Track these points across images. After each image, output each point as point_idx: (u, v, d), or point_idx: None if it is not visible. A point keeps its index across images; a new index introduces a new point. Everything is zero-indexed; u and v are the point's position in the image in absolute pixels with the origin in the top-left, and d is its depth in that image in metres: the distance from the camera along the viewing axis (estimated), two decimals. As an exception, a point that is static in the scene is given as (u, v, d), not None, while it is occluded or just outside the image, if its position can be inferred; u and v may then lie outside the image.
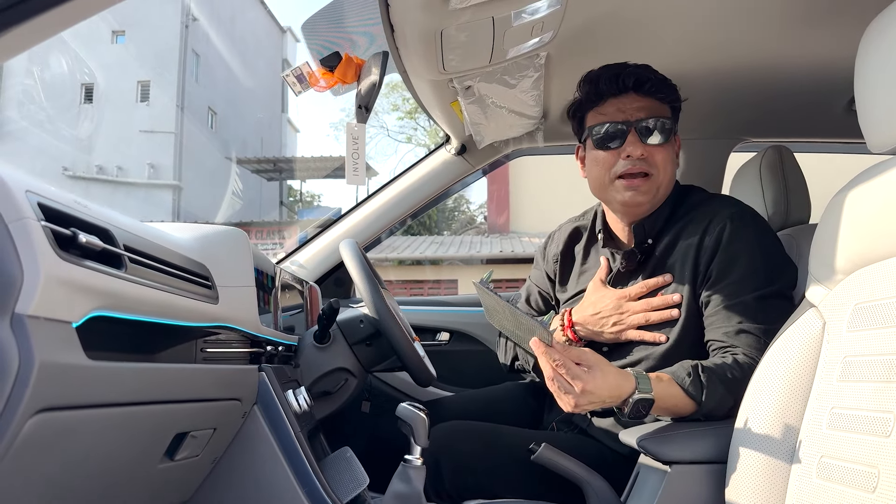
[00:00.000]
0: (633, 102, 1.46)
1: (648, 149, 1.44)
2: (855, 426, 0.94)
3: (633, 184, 1.46)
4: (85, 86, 19.79)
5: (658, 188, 1.47)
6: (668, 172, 1.48)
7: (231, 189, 18.32)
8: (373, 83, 1.47)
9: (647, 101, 1.46)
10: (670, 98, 1.49)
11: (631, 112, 1.45)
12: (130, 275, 0.81)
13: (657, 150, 1.45)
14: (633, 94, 1.46)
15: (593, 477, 1.33)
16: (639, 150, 1.44)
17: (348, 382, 1.64)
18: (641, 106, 1.45)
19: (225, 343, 1.16)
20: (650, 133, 1.45)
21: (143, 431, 0.90)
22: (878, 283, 1.00)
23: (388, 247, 12.87)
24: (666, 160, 1.46)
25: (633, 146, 1.44)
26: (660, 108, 1.47)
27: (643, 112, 1.45)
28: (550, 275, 1.74)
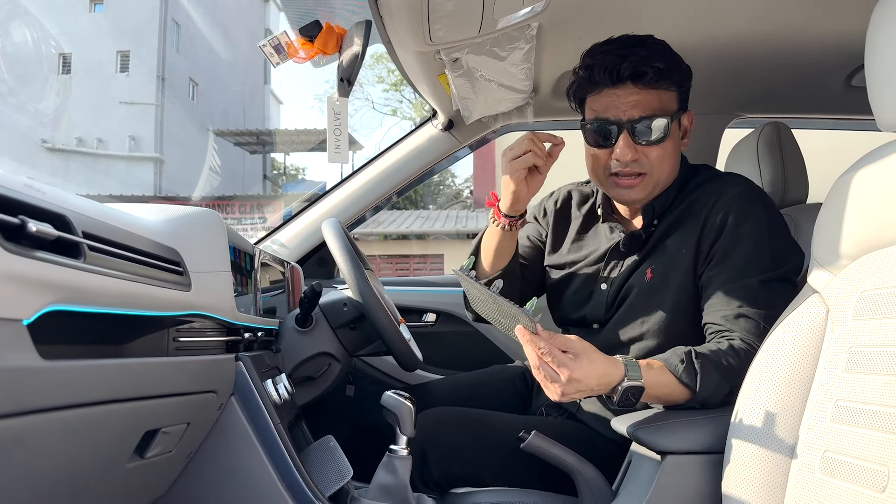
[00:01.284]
0: (630, 96, 1.35)
1: (642, 149, 1.36)
2: (862, 421, 0.89)
3: (625, 183, 1.40)
4: (62, 55, 19.39)
5: (655, 185, 1.40)
6: (666, 168, 1.40)
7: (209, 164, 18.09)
8: (355, 55, 1.40)
9: (645, 94, 1.35)
10: (678, 82, 1.39)
11: (624, 109, 1.35)
12: (90, 264, 0.75)
13: (652, 149, 1.37)
14: (630, 85, 1.35)
15: (584, 465, 1.30)
16: (629, 153, 1.36)
17: (331, 367, 1.59)
18: (637, 101, 1.35)
19: (199, 332, 1.09)
20: (644, 132, 1.35)
21: (109, 432, 0.84)
22: (887, 269, 0.95)
23: (372, 221, 12.80)
24: (662, 157, 1.38)
25: (623, 149, 1.35)
26: (660, 99, 1.36)
27: (638, 109, 1.35)
28: (543, 227, 1.67)
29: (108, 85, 19.42)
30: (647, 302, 1.40)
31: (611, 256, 1.49)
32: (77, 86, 19.41)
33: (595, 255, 1.52)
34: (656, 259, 1.41)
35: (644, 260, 1.43)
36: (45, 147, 19.01)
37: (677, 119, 1.40)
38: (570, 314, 1.55)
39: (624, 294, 1.44)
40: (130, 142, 19.64)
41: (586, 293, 1.52)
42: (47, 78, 19.18)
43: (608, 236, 1.52)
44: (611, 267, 1.49)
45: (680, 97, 1.41)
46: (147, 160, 19.63)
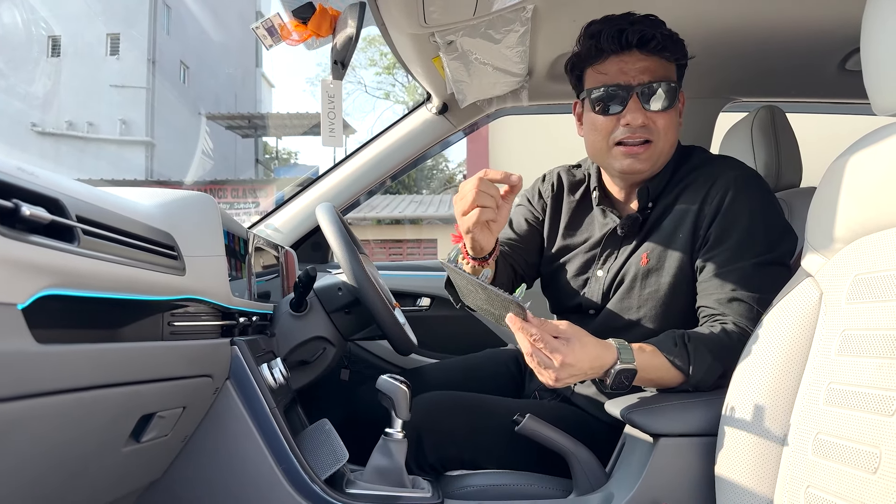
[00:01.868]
0: (637, 62, 1.34)
1: (651, 115, 1.35)
2: (855, 403, 0.90)
3: (632, 151, 1.37)
4: (52, 38, 19.18)
5: (660, 155, 1.39)
6: (671, 138, 1.39)
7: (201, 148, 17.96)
8: (349, 37, 1.38)
9: (651, 60, 1.35)
10: (677, 55, 1.39)
11: (633, 74, 1.34)
12: (84, 248, 0.75)
13: (660, 116, 1.36)
14: (636, 52, 1.34)
15: (578, 448, 1.31)
16: (640, 117, 1.34)
17: (326, 351, 1.59)
18: (645, 67, 1.34)
19: (194, 316, 1.09)
20: (653, 98, 1.35)
21: (105, 416, 0.84)
22: (880, 253, 0.95)
23: (366, 206, 12.74)
24: (669, 125, 1.37)
25: (634, 113, 1.34)
26: (665, 67, 1.36)
27: (647, 74, 1.34)
28: (539, 211, 1.65)
29: (98, 68, 19.25)
30: (643, 286, 1.40)
31: (607, 243, 1.49)
32: (67, 69, 19.23)
33: (590, 241, 1.52)
34: (652, 244, 1.41)
35: (640, 245, 1.43)
36: (36, 131, 18.86)
37: (679, 90, 1.40)
38: (566, 302, 1.55)
39: (620, 279, 1.43)
40: (121, 125, 19.51)
41: (582, 280, 1.52)
42: (37, 61, 18.99)
43: (602, 222, 1.51)
44: (607, 253, 1.48)
45: (678, 72, 1.41)
46: (138, 144, 19.50)
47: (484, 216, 1.21)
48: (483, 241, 1.27)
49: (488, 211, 1.20)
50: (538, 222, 1.65)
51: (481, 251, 1.32)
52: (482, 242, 1.28)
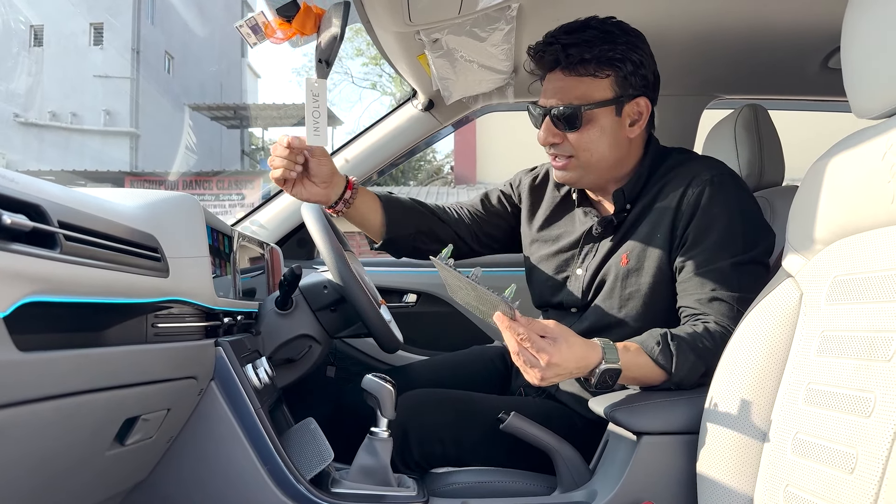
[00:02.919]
0: (556, 82, 1.39)
1: (563, 134, 1.40)
2: (833, 404, 0.91)
3: (557, 165, 1.45)
4: (33, 27, 18.94)
5: (587, 166, 1.42)
6: (596, 152, 1.40)
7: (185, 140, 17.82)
8: (333, 36, 1.37)
9: (569, 80, 1.37)
10: (616, 66, 1.37)
11: (549, 95, 1.40)
12: (67, 254, 0.74)
13: (572, 135, 1.39)
14: (558, 71, 1.39)
15: (562, 445, 1.32)
16: (549, 137, 1.41)
17: (312, 349, 1.59)
18: (560, 87, 1.38)
19: (178, 317, 1.09)
20: (562, 119, 1.38)
21: (89, 421, 0.83)
22: (859, 255, 0.97)
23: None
24: (586, 143, 1.39)
25: (544, 133, 1.42)
26: (583, 86, 1.37)
27: (557, 96, 1.38)
28: (516, 197, 1.69)
29: (81, 58, 19.04)
30: (624, 287, 1.41)
31: (585, 241, 1.50)
32: (49, 59, 18.99)
33: (569, 239, 1.53)
34: (631, 244, 1.42)
35: (619, 245, 1.44)
36: (18, 121, 18.63)
37: (614, 106, 1.38)
38: (547, 298, 1.56)
39: (601, 280, 1.45)
40: (105, 116, 19.32)
41: (562, 278, 1.53)
42: (18, 51, 18.74)
43: (582, 220, 1.53)
44: (585, 252, 1.50)
45: (620, 85, 1.38)
46: (122, 135, 19.33)
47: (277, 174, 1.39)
48: (306, 195, 1.45)
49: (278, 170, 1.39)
50: (511, 205, 1.70)
51: (320, 199, 1.48)
52: (305, 196, 1.45)
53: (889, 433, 0.80)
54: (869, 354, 0.88)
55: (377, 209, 1.59)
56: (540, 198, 1.64)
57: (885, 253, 0.91)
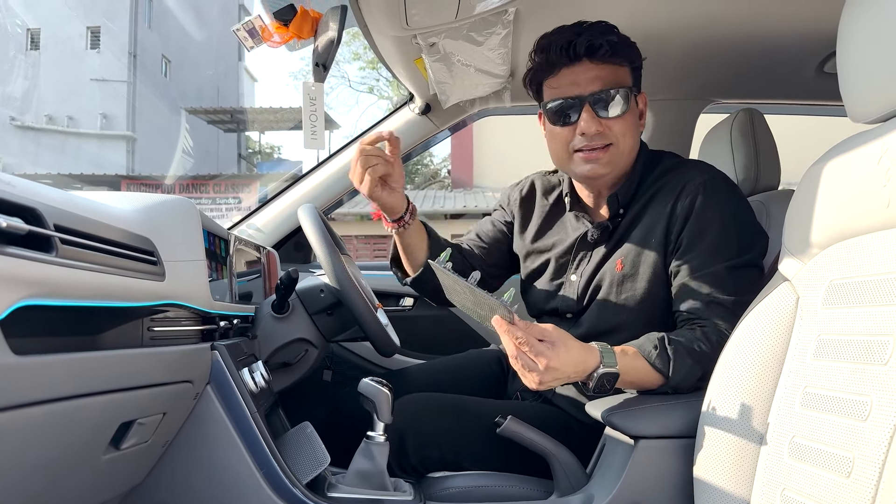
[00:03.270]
0: (588, 72, 1.36)
1: (605, 122, 1.37)
2: (830, 408, 0.91)
3: (592, 156, 1.39)
4: (30, 31, 18.92)
5: (620, 157, 1.41)
6: (630, 140, 1.41)
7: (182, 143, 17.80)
8: (331, 39, 1.38)
9: (602, 68, 1.36)
10: (630, 58, 1.40)
11: (584, 84, 1.36)
12: (63, 257, 0.74)
13: (615, 122, 1.38)
14: (587, 61, 1.36)
15: (559, 449, 1.32)
16: (593, 126, 1.36)
17: (308, 353, 1.59)
18: (596, 76, 1.36)
19: (174, 321, 1.09)
20: (606, 105, 1.36)
21: (84, 425, 0.83)
22: (855, 259, 0.97)
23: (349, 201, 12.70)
24: (626, 129, 1.39)
25: (588, 122, 1.36)
26: (617, 73, 1.38)
27: (597, 83, 1.36)
28: (508, 215, 1.69)
29: (78, 62, 19.03)
30: (619, 292, 1.42)
31: (579, 247, 1.50)
32: (46, 62, 18.98)
33: (563, 245, 1.53)
34: (626, 250, 1.42)
35: (613, 251, 1.44)
36: (15, 125, 18.61)
37: (634, 95, 1.41)
38: (542, 305, 1.56)
39: (596, 285, 1.45)
40: (102, 119, 19.29)
41: (557, 284, 1.53)
42: (15, 54, 18.73)
43: (574, 226, 1.53)
44: (580, 258, 1.50)
45: (633, 75, 1.42)
46: (119, 138, 19.31)
47: (376, 173, 1.39)
48: (389, 200, 1.44)
49: (377, 167, 1.38)
50: (507, 225, 1.69)
51: (394, 211, 1.48)
52: (388, 201, 1.45)
53: (886, 437, 0.80)
54: (865, 358, 0.88)
55: (425, 242, 1.59)
56: (530, 209, 1.64)
57: (882, 257, 0.91)
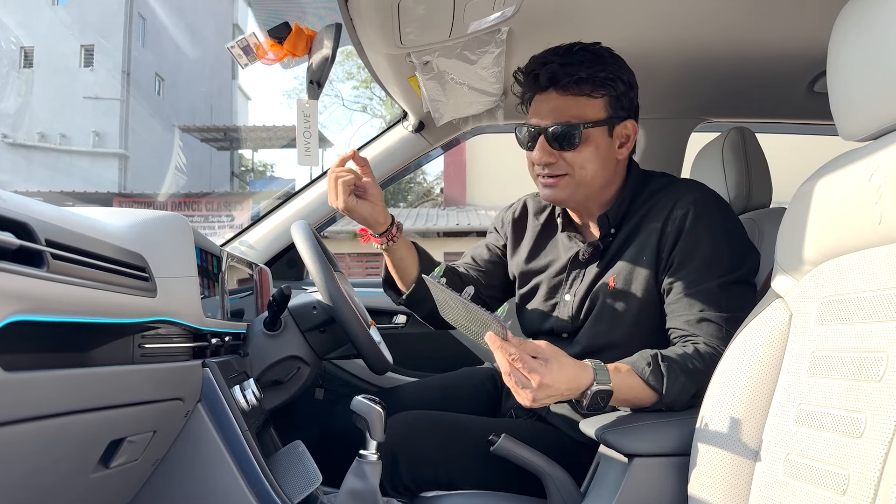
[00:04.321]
0: (551, 102, 1.39)
1: (558, 153, 1.39)
2: (824, 425, 0.91)
3: (547, 183, 1.43)
4: (24, 49, 18.94)
5: (578, 185, 1.42)
6: (590, 171, 1.40)
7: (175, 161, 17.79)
8: (325, 57, 1.38)
9: (564, 100, 1.38)
10: (603, 90, 1.39)
11: (544, 115, 1.39)
12: (54, 273, 0.73)
13: (569, 154, 1.39)
14: (552, 91, 1.39)
15: (553, 468, 1.31)
16: (544, 157, 1.39)
17: (300, 371, 1.58)
18: (556, 107, 1.38)
19: (165, 338, 1.08)
20: (560, 138, 1.38)
21: (73, 443, 0.82)
22: (847, 276, 0.97)
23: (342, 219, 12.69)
24: (583, 161, 1.39)
25: (538, 153, 1.40)
26: (579, 106, 1.38)
27: (553, 116, 1.38)
28: (502, 238, 1.70)
29: (71, 80, 19.03)
30: (612, 310, 1.42)
31: (572, 267, 1.50)
32: (39, 80, 18.99)
33: (556, 265, 1.54)
34: (618, 268, 1.43)
35: (606, 270, 1.45)
36: (6, 142, 18.56)
37: (606, 126, 1.40)
38: (537, 326, 1.56)
39: (590, 304, 1.45)
40: (94, 137, 19.27)
41: (551, 304, 1.53)
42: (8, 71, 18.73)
43: (567, 245, 1.53)
44: (573, 277, 1.50)
45: (612, 106, 1.41)
46: (112, 156, 19.28)
47: (347, 184, 1.43)
48: (368, 211, 1.47)
49: (347, 178, 1.43)
50: (502, 248, 1.70)
51: (378, 224, 1.50)
52: (367, 211, 1.47)
53: (881, 454, 0.80)
54: (859, 375, 0.88)
55: (414, 257, 1.60)
56: (522, 230, 1.65)
57: (874, 273, 0.91)
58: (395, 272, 1.60)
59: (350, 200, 1.44)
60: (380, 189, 1.50)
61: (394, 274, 1.61)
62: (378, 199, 1.49)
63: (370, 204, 1.47)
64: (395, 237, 1.53)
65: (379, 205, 1.49)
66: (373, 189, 1.47)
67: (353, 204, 1.45)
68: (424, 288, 1.57)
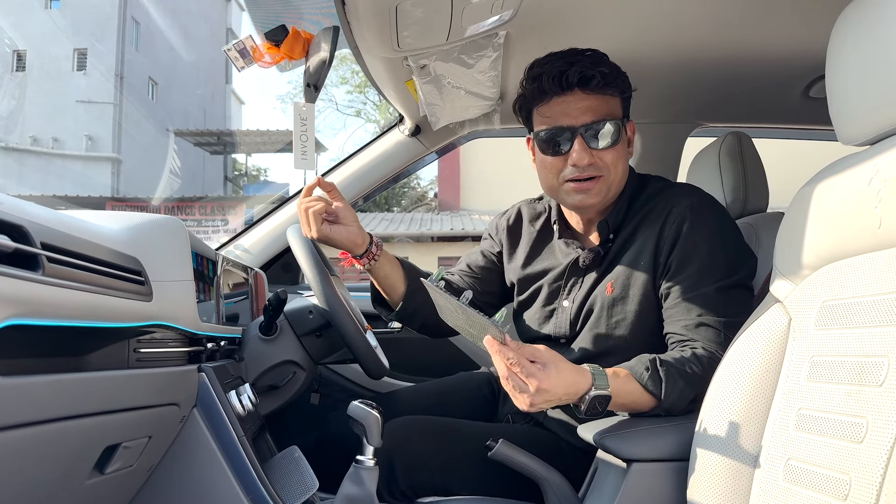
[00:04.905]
0: (579, 102, 1.36)
1: (596, 153, 1.37)
2: (825, 429, 0.91)
3: (582, 187, 1.39)
4: (17, 52, 18.88)
5: (610, 187, 1.41)
6: (620, 169, 1.41)
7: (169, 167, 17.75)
8: (322, 60, 1.38)
9: (594, 99, 1.36)
10: (621, 89, 1.41)
11: (576, 115, 1.36)
12: (49, 276, 0.73)
13: (606, 153, 1.38)
14: (578, 91, 1.36)
15: (551, 473, 1.30)
16: (585, 157, 1.36)
17: (296, 376, 1.57)
18: (588, 106, 1.36)
19: (161, 342, 1.07)
20: (597, 136, 1.36)
21: (68, 448, 0.81)
22: (847, 280, 0.97)
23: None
24: (617, 159, 1.39)
25: (580, 153, 1.36)
26: (608, 104, 1.38)
27: (589, 115, 1.36)
28: (497, 245, 1.70)
29: (64, 83, 18.96)
30: (610, 316, 1.41)
31: (570, 273, 1.50)
32: (32, 83, 18.92)
33: (555, 272, 1.53)
34: (616, 273, 1.42)
35: (604, 275, 1.45)
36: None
37: (623, 125, 1.42)
38: (535, 332, 1.56)
39: (588, 310, 1.45)
40: (87, 141, 19.20)
41: (549, 311, 1.53)
42: (1, 74, 18.67)
43: (564, 251, 1.53)
44: (571, 283, 1.49)
45: (623, 104, 1.43)
46: (104, 160, 19.20)
47: (317, 212, 1.44)
48: (344, 235, 1.48)
49: (317, 206, 1.44)
50: (496, 255, 1.70)
51: (356, 246, 1.50)
52: (343, 236, 1.48)
53: (882, 458, 0.79)
54: (860, 380, 0.87)
55: (399, 272, 1.59)
56: (517, 237, 1.65)
57: (874, 278, 0.91)
58: (382, 290, 1.60)
59: (324, 228, 1.45)
60: (353, 211, 1.50)
61: (381, 291, 1.61)
62: (352, 221, 1.48)
63: (344, 227, 1.47)
64: (375, 256, 1.53)
65: (354, 226, 1.49)
66: (345, 213, 1.48)
67: (327, 231, 1.45)
68: (414, 302, 1.57)
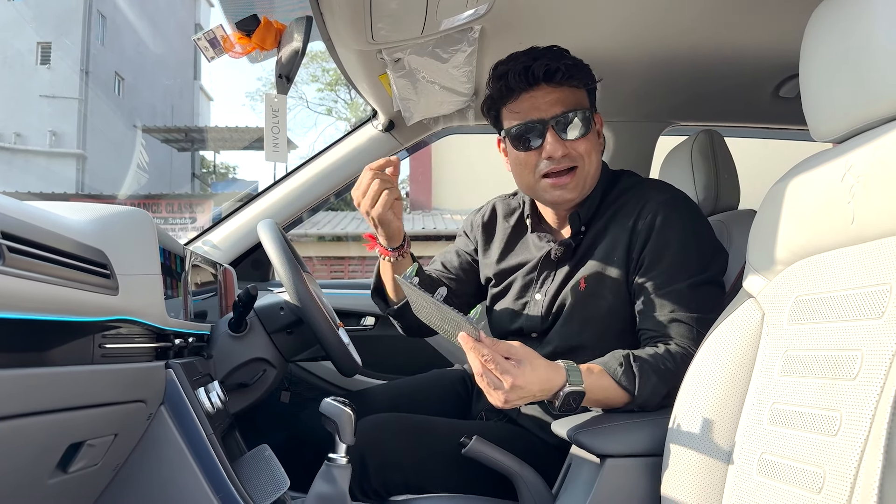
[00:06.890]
0: (547, 95, 1.37)
1: (569, 144, 1.38)
2: (798, 423, 0.91)
3: (560, 182, 1.40)
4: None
5: (586, 178, 1.42)
6: (595, 160, 1.43)
7: (136, 162, 17.47)
8: (295, 51, 1.36)
9: (560, 91, 1.38)
10: (585, 81, 1.42)
11: (545, 108, 1.37)
12: (10, 267, 0.70)
13: (579, 143, 1.39)
14: (544, 85, 1.37)
15: (525, 469, 1.30)
16: (559, 149, 1.37)
17: (266, 374, 1.54)
18: (556, 98, 1.37)
19: (127, 338, 1.04)
20: (569, 127, 1.37)
21: (30, 446, 0.78)
22: (820, 275, 0.98)
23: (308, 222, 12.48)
24: (590, 149, 1.40)
25: (553, 145, 1.37)
26: (575, 95, 1.39)
27: (558, 106, 1.37)
28: (472, 241, 1.70)
29: (27, 77, 18.55)
30: (583, 310, 1.42)
31: (543, 267, 1.50)
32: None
33: (527, 266, 1.53)
34: (588, 268, 1.43)
35: (576, 269, 1.45)
36: (-42, 141, 18.03)
37: (592, 116, 1.43)
38: (507, 325, 1.55)
39: (560, 304, 1.45)
40: (51, 137, 18.81)
41: (521, 304, 1.53)
42: (-40, 68, 18.22)
43: (537, 245, 1.53)
44: (543, 277, 1.50)
45: (589, 96, 1.44)
46: (69, 156, 18.83)
47: (392, 195, 1.35)
48: (396, 225, 1.42)
49: (393, 189, 1.36)
50: (471, 253, 1.70)
51: (395, 238, 1.46)
52: (396, 226, 1.42)
53: (856, 451, 0.80)
54: (833, 373, 0.88)
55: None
56: (492, 232, 1.65)
57: (847, 272, 0.92)
58: (390, 284, 1.58)
59: (388, 213, 1.38)
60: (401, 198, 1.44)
61: (388, 284, 1.59)
62: (401, 214, 1.43)
63: (397, 220, 1.42)
64: (405, 253, 1.51)
65: (400, 219, 1.44)
66: (399, 204, 1.41)
67: (388, 216, 1.39)
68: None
